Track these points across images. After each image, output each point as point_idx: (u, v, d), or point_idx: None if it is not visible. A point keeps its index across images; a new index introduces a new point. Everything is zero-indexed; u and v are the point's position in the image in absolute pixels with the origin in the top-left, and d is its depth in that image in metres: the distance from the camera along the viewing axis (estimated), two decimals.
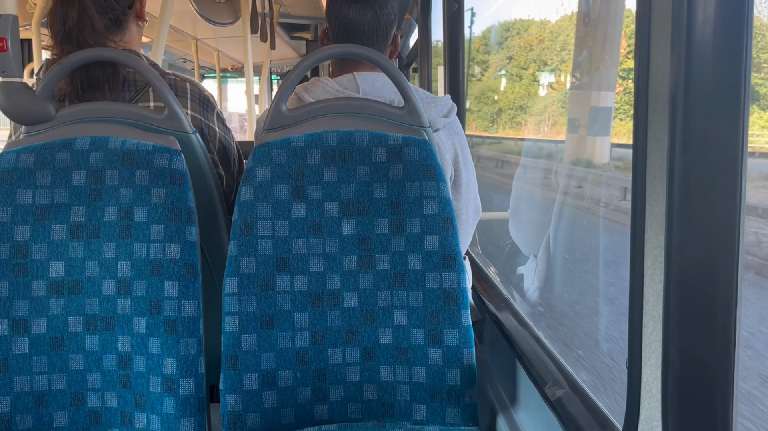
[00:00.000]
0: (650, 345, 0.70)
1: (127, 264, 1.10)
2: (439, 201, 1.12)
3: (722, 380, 0.65)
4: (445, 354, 1.11)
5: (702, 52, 0.62)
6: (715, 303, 0.64)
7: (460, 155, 1.37)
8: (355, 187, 1.14)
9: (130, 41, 1.35)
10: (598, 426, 0.90)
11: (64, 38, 1.22)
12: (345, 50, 1.25)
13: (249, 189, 1.12)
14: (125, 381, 1.10)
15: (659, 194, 0.67)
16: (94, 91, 1.23)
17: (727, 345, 0.64)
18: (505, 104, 14.19)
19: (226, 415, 1.09)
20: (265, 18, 3.57)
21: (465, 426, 1.12)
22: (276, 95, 1.18)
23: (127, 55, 1.19)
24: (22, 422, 1.09)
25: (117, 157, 1.12)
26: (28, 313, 1.09)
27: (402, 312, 1.13)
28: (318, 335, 1.13)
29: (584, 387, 1.02)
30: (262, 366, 1.10)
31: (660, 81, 0.66)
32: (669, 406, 0.67)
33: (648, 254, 0.69)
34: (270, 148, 1.14)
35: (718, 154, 0.63)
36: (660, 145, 0.66)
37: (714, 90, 0.62)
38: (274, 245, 1.11)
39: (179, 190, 1.11)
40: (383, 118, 1.18)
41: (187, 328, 1.08)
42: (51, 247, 1.10)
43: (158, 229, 1.09)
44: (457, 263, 1.12)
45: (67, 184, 1.11)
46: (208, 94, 1.38)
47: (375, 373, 1.14)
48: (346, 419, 1.14)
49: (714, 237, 0.64)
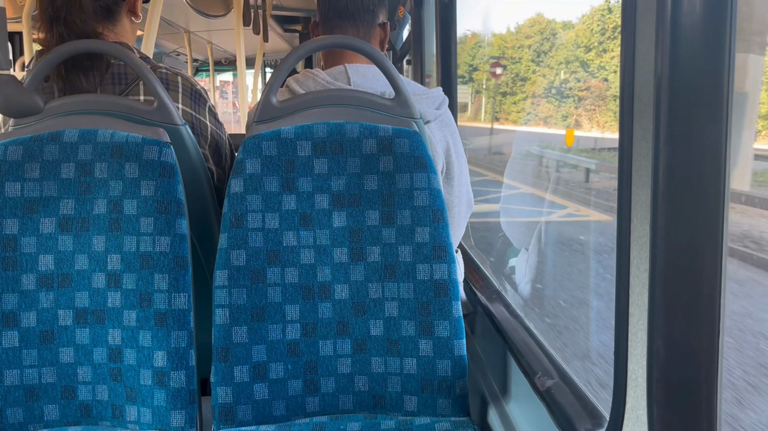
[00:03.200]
0: (636, 334, 0.70)
1: (116, 257, 1.09)
2: (429, 192, 1.12)
3: (707, 368, 0.66)
4: (436, 345, 1.12)
5: (686, 42, 0.62)
6: (700, 292, 0.65)
7: (452, 147, 1.37)
8: (345, 179, 1.14)
9: (122, 34, 1.34)
10: (586, 415, 0.91)
11: (53, 17, 1.22)
12: (335, 41, 1.24)
13: (239, 181, 1.11)
14: (116, 374, 1.10)
15: (645, 184, 0.67)
16: (78, 74, 1.23)
17: (712, 333, 0.65)
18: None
19: (217, 408, 1.10)
20: (257, 10, 3.55)
21: (456, 417, 1.12)
22: (266, 87, 1.18)
23: (116, 47, 1.18)
24: (13, 415, 1.09)
25: (106, 150, 1.11)
26: (18, 307, 1.09)
27: (393, 304, 1.13)
28: (309, 327, 1.13)
29: (573, 377, 1.02)
30: (253, 359, 1.10)
31: (645, 72, 0.66)
32: (654, 394, 0.67)
33: (634, 244, 0.69)
34: (260, 140, 1.13)
35: (703, 144, 0.64)
36: (645, 135, 0.67)
37: (698, 81, 0.63)
38: (265, 237, 1.11)
39: (169, 182, 1.10)
40: (374, 110, 1.18)
41: (178, 321, 1.08)
42: (40, 240, 1.09)
43: (148, 222, 1.09)
44: (447, 254, 1.12)
45: (55, 176, 1.10)
46: (199, 88, 1.38)
47: (366, 365, 1.14)
48: (337, 411, 1.15)
49: (699, 227, 0.65)
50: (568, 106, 13.42)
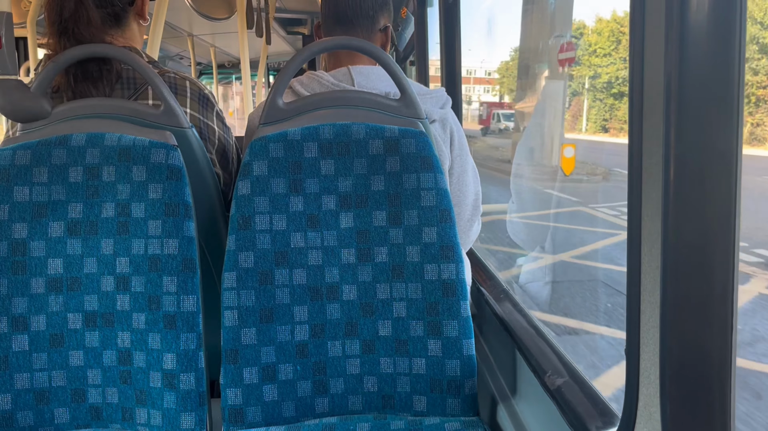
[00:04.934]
0: (648, 332, 0.70)
1: (125, 260, 1.10)
2: (436, 192, 1.12)
3: (720, 365, 0.65)
4: (445, 345, 1.12)
5: (695, 40, 0.62)
6: (712, 289, 0.65)
7: (456, 147, 1.37)
8: (352, 180, 1.14)
9: (131, 38, 1.34)
10: (597, 413, 0.91)
11: (60, 30, 1.22)
12: (340, 42, 1.24)
13: (246, 183, 1.12)
14: (125, 377, 1.10)
15: (656, 181, 0.67)
16: (87, 84, 1.23)
17: (725, 330, 0.65)
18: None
19: (227, 409, 1.10)
20: (260, 13, 3.56)
21: (465, 417, 1.12)
22: (271, 89, 1.18)
23: (123, 52, 1.18)
24: (23, 419, 1.09)
25: (113, 153, 1.12)
26: (28, 311, 1.09)
27: (401, 304, 1.13)
28: (317, 328, 1.13)
29: (583, 376, 1.02)
30: (262, 360, 1.10)
31: (655, 70, 0.66)
32: (668, 392, 0.67)
33: (645, 241, 0.69)
34: (267, 141, 1.13)
35: (714, 141, 0.63)
36: (656, 132, 0.66)
37: (708, 78, 0.63)
38: (272, 239, 1.11)
39: (176, 185, 1.10)
40: (379, 111, 1.18)
41: (187, 323, 1.08)
42: (49, 244, 1.10)
43: (156, 225, 1.09)
44: (455, 254, 1.12)
45: (63, 180, 1.11)
46: (207, 92, 1.38)
47: (375, 365, 1.14)
48: (346, 411, 1.15)
49: (711, 224, 0.64)
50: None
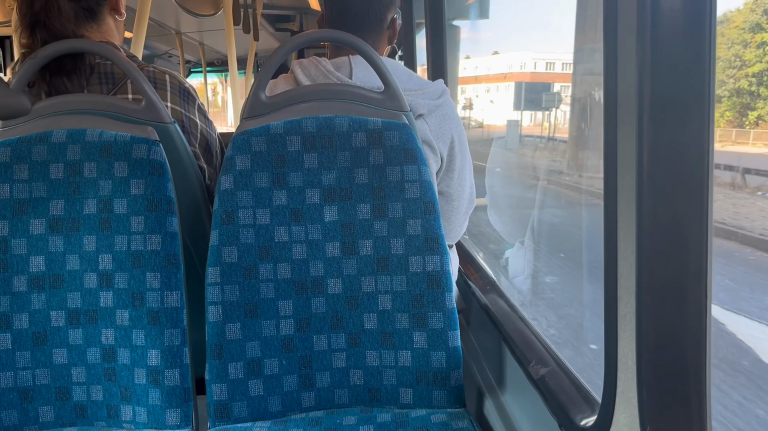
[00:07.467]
0: (625, 317, 0.70)
1: (108, 257, 1.09)
2: (420, 185, 1.12)
3: (696, 349, 0.66)
4: (430, 337, 1.12)
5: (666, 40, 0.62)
6: (686, 274, 0.65)
7: (455, 139, 1.36)
8: (336, 173, 1.14)
9: (108, 33, 1.33)
10: (581, 399, 0.91)
11: (32, 22, 1.21)
12: (323, 35, 1.24)
13: (229, 178, 1.11)
14: (110, 374, 1.10)
15: (630, 165, 0.67)
16: (62, 78, 1.22)
17: (700, 314, 0.65)
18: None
19: (213, 405, 1.10)
20: (247, 9, 3.54)
21: (452, 408, 1.12)
22: (254, 83, 1.18)
23: (102, 46, 1.17)
24: (8, 418, 1.08)
25: (95, 149, 1.11)
26: (10, 309, 1.08)
27: (386, 297, 1.13)
28: (303, 322, 1.13)
29: (567, 364, 1.02)
30: (247, 355, 1.10)
31: (629, 64, 0.66)
32: (644, 377, 0.68)
33: (621, 226, 0.70)
34: (249, 135, 1.13)
35: (686, 127, 0.64)
36: (630, 119, 0.67)
37: (681, 63, 0.63)
38: (256, 233, 1.11)
39: (159, 180, 1.10)
40: (363, 104, 1.18)
41: (171, 319, 1.08)
42: (30, 242, 1.09)
43: (138, 221, 1.09)
44: (440, 246, 1.12)
45: (44, 177, 1.10)
46: (188, 85, 1.37)
47: (361, 359, 1.14)
48: (333, 405, 1.15)
49: (684, 209, 0.65)
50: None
